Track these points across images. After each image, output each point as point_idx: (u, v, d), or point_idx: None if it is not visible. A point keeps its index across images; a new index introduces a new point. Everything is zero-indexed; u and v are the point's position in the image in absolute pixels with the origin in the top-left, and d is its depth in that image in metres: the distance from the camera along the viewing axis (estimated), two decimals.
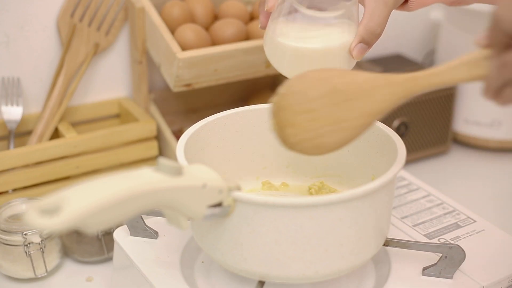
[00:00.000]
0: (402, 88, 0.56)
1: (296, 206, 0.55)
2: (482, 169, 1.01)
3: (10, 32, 0.85)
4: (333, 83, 0.58)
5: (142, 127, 0.86)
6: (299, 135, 0.60)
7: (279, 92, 0.60)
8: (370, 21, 0.64)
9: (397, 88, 0.57)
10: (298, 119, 0.59)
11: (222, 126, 0.69)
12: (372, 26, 0.65)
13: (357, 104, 0.58)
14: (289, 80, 0.61)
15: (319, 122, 0.59)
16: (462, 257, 0.63)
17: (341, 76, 0.59)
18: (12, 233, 0.72)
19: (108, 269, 0.76)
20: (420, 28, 1.19)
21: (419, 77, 0.56)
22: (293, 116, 0.60)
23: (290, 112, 0.60)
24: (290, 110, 0.60)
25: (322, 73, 0.60)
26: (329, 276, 0.59)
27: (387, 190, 0.60)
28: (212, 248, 0.60)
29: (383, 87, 0.57)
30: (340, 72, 0.59)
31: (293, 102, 0.59)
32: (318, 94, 0.58)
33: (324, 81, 0.59)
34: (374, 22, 0.64)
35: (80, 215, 0.45)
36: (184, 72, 0.81)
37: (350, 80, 0.58)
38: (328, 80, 0.59)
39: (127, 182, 0.49)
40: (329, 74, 0.59)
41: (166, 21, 0.86)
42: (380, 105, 0.57)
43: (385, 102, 0.57)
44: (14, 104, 0.85)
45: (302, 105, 0.59)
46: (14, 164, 0.79)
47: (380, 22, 0.65)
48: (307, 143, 0.60)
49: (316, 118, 0.59)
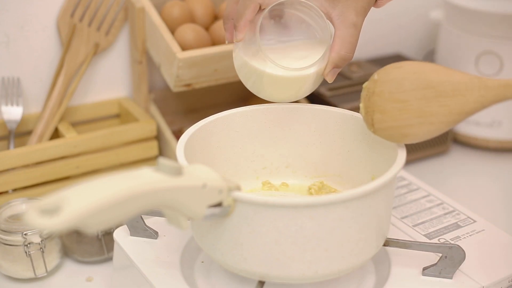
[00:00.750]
0: (495, 93, 0.58)
1: (296, 206, 0.55)
2: (482, 169, 1.01)
3: (10, 32, 0.85)
4: (428, 79, 0.60)
5: (142, 127, 0.86)
6: (387, 122, 0.62)
7: (373, 78, 0.63)
8: (341, 48, 0.66)
9: (490, 92, 0.58)
10: (388, 106, 0.61)
11: (222, 126, 0.69)
12: (344, 54, 0.66)
13: (449, 102, 0.59)
14: (385, 68, 0.63)
15: (409, 113, 0.61)
16: (462, 257, 0.63)
17: (437, 72, 0.60)
18: (12, 233, 0.72)
19: (108, 269, 0.76)
20: (420, 28, 1.19)
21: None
22: (383, 103, 0.62)
23: (381, 98, 0.62)
24: (381, 96, 0.62)
25: (419, 66, 0.61)
26: (329, 276, 0.59)
27: (387, 190, 0.60)
28: (212, 248, 0.60)
29: (477, 89, 0.58)
30: (436, 68, 0.60)
31: (386, 90, 0.62)
32: (412, 86, 0.60)
33: (421, 74, 0.60)
34: (345, 49, 0.66)
35: (80, 215, 0.45)
36: (184, 72, 0.81)
37: (446, 78, 0.59)
38: (424, 74, 0.60)
39: (127, 182, 0.49)
40: (426, 68, 0.61)
41: (166, 21, 0.86)
42: (471, 105, 0.58)
43: (476, 104, 0.58)
44: (14, 104, 0.85)
45: (394, 94, 0.61)
46: (14, 164, 0.79)
47: (351, 48, 0.66)
48: (394, 131, 0.62)
49: (406, 109, 0.61)
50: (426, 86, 0.60)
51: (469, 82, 0.58)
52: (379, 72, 0.63)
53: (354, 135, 0.69)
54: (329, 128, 0.71)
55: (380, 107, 0.62)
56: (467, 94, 0.58)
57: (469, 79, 0.58)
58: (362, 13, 0.65)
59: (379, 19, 1.14)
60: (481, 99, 0.58)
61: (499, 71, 1.00)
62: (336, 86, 0.99)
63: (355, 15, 0.65)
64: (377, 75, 0.63)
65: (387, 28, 1.16)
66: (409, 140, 0.62)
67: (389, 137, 0.63)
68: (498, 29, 0.99)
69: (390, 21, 1.16)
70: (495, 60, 1.00)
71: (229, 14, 0.68)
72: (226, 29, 0.69)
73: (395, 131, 0.62)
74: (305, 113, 0.71)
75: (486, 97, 0.58)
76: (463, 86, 0.58)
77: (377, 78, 0.63)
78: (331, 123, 0.70)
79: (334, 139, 0.71)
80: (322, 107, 0.71)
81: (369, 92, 0.63)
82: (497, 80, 0.58)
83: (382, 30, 1.15)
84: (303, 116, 0.71)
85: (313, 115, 0.71)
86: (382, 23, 1.14)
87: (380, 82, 0.62)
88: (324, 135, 0.71)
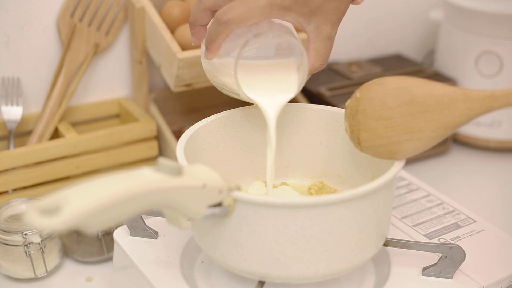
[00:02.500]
0: (480, 105, 0.57)
1: (296, 206, 0.55)
2: (482, 169, 1.01)
3: (10, 32, 0.85)
4: (412, 93, 0.58)
5: (142, 127, 0.86)
6: (374, 141, 0.61)
7: (355, 96, 0.61)
8: (316, 60, 0.64)
9: (476, 104, 0.57)
10: (373, 124, 0.60)
11: (222, 126, 0.69)
12: (319, 65, 0.65)
13: (434, 117, 0.58)
14: (367, 85, 0.61)
15: (395, 130, 0.59)
16: (462, 257, 0.63)
17: (420, 87, 0.59)
18: (12, 233, 0.72)
19: (108, 269, 0.76)
20: (420, 28, 1.19)
21: (498, 95, 0.56)
22: (368, 121, 0.61)
23: (365, 116, 0.61)
24: (365, 115, 0.61)
25: (401, 81, 0.60)
26: (329, 276, 0.59)
27: (387, 190, 0.60)
28: (212, 248, 0.60)
29: (462, 101, 0.57)
30: (419, 82, 0.59)
31: (369, 108, 0.60)
32: (396, 103, 0.59)
33: (403, 89, 0.59)
34: (320, 60, 0.65)
35: (80, 215, 0.45)
36: (184, 72, 0.81)
37: (429, 92, 0.58)
38: (407, 89, 0.59)
39: (127, 182, 0.49)
40: (408, 83, 0.59)
41: (166, 21, 0.86)
42: (457, 119, 0.58)
43: (462, 117, 0.57)
44: (14, 104, 0.85)
45: (379, 112, 0.60)
46: (14, 164, 0.79)
47: (325, 58, 0.65)
48: (382, 148, 0.61)
49: (392, 126, 0.59)
50: (410, 102, 0.59)
51: (453, 95, 0.57)
52: (360, 90, 0.62)
53: None
54: (329, 128, 0.70)
55: (365, 125, 0.61)
56: (452, 107, 0.57)
57: (453, 92, 0.57)
58: (336, 24, 0.64)
59: (379, 19, 1.14)
60: (467, 112, 0.57)
61: (499, 71, 1.00)
62: (336, 86, 0.99)
63: (331, 28, 0.63)
64: (359, 93, 0.61)
65: (387, 28, 1.16)
66: (398, 156, 0.61)
67: (377, 155, 0.62)
68: (498, 29, 0.99)
69: (390, 21, 1.16)
70: (495, 60, 1.00)
71: (196, 21, 0.65)
72: (194, 34, 0.66)
73: (382, 149, 0.61)
74: (305, 113, 0.71)
75: (472, 109, 0.57)
76: (447, 100, 0.57)
77: (359, 96, 0.61)
78: (331, 123, 0.70)
79: (334, 139, 0.71)
80: (322, 107, 0.71)
81: (353, 110, 0.62)
82: (481, 91, 0.57)
83: (382, 30, 1.15)
84: (303, 116, 0.71)
85: (313, 115, 0.71)
86: (382, 23, 1.14)
87: (363, 100, 0.61)
88: (324, 135, 0.71)
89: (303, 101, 0.95)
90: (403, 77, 0.61)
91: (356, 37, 1.12)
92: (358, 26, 1.12)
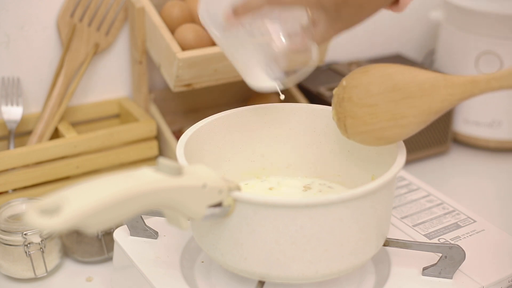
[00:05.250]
0: (462, 90, 0.57)
1: (296, 206, 0.55)
2: (482, 169, 1.01)
3: (10, 32, 0.85)
4: (395, 80, 0.60)
5: (142, 127, 0.86)
6: (359, 127, 0.62)
7: (342, 84, 0.63)
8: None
9: (457, 90, 0.58)
10: (359, 111, 0.61)
11: (222, 126, 0.69)
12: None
13: (416, 103, 0.59)
14: (352, 73, 0.62)
15: (379, 117, 0.61)
16: (462, 257, 0.63)
17: (402, 74, 0.60)
18: (12, 233, 0.72)
19: (108, 269, 0.76)
20: (420, 28, 1.19)
21: (479, 80, 0.57)
22: (354, 108, 0.62)
23: (351, 104, 0.62)
24: (351, 102, 0.62)
25: (385, 69, 0.61)
26: (329, 276, 0.59)
27: (387, 190, 0.60)
28: (212, 248, 0.60)
29: (443, 87, 0.58)
30: (402, 69, 0.60)
31: (354, 95, 0.62)
32: (379, 90, 0.60)
33: (386, 77, 0.60)
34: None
35: (80, 215, 0.45)
36: (184, 72, 0.81)
37: (411, 79, 0.59)
38: (390, 77, 0.60)
39: (127, 182, 0.49)
40: (391, 70, 0.60)
41: (166, 21, 0.86)
42: (439, 105, 0.58)
43: (443, 102, 0.58)
44: (14, 104, 0.85)
45: (363, 99, 0.61)
46: (14, 164, 0.79)
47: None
48: (367, 135, 0.62)
49: (376, 113, 0.61)
50: (393, 89, 0.60)
51: (434, 81, 0.58)
52: (347, 78, 0.63)
53: None
54: (329, 128, 0.71)
55: (351, 113, 0.62)
56: (434, 93, 0.58)
57: (434, 78, 0.58)
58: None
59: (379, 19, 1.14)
60: (449, 97, 0.58)
61: None
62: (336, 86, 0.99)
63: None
64: (345, 81, 0.63)
65: (387, 28, 1.16)
66: (383, 142, 0.62)
67: (364, 141, 0.63)
68: (498, 29, 0.99)
69: (390, 21, 1.16)
70: (495, 60, 1.00)
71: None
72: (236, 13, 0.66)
73: (368, 135, 0.62)
74: (305, 113, 0.71)
75: (453, 95, 0.58)
76: (428, 86, 0.58)
77: (345, 84, 0.63)
78: (331, 123, 0.70)
79: (334, 139, 0.71)
80: (322, 107, 0.71)
81: (339, 98, 0.63)
82: (463, 77, 0.57)
83: (382, 30, 1.15)
84: (303, 116, 0.71)
85: (313, 115, 0.71)
86: (382, 23, 1.14)
87: (348, 87, 0.62)
88: (324, 135, 0.71)
89: (303, 101, 0.95)
90: (388, 65, 0.62)
91: (356, 37, 1.12)
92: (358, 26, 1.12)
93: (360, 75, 0.62)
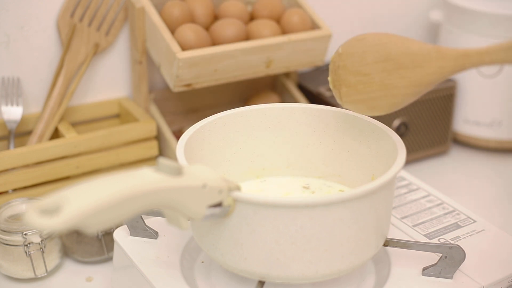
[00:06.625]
0: (453, 63, 0.57)
1: (296, 206, 0.55)
2: (482, 169, 1.01)
3: (10, 32, 0.85)
4: (388, 50, 0.60)
5: (142, 127, 0.86)
6: (353, 96, 0.62)
7: (338, 51, 0.63)
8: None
9: (448, 62, 0.58)
10: (353, 80, 0.62)
11: (222, 126, 0.69)
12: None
13: (408, 74, 0.59)
14: (349, 41, 0.63)
15: (372, 86, 0.61)
16: (462, 257, 0.63)
17: (395, 44, 0.60)
18: (12, 233, 0.72)
19: (108, 269, 0.76)
20: (420, 28, 1.19)
21: (471, 54, 0.57)
22: (348, 77, 0.62)
23: (346, 72, 0.62)
24: (346, 70, 0.62)
25: (381, 38, 0.61)
26: (329, 276, 0.59)
27: (387, 190, 0.60)
28: (212, 248, 0.60)
29: (435, 60, 0.58)
30: (396, 39, 0.60)
31: (349, 63, 0.62)
32: (373, 59, 0.61)
33: (381, 46, 0.60)
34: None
35: (80, 215, 0.45)
36: (184, 72, 0.81)
37: (404, 49, 0.59)
38: (384, 46, 0.60)
39: (127, 182, 0.49)
40: (386, 40, 0.61)
41: (166, 21, 0.86)
42: (430, 77, 0.58)
43: (434, 75, 0.58)
44: (14, 104, 0.85)
45: (357, 67, 0.62)
46: (14, 164, 0.79)
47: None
48: (361, 104, 0.63)
49: (369, 82, 0.61)
50: (386, 59, 0.60)
51: (426, 53, 0.58)
52: (343, 45, 0.63)
53: (354, 135, 0.69)
54: (329, 128, 0.71)
55: (346, 81, 0.63)
56: (426, 65, 0.58)
57: (427, 50, 0.58)
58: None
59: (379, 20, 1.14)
60: (440, 70, 0.58)
61: (499, 71, 1.00)
62: None
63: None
64: (341, 48, 0.63)
65: (387, 28, 1.16)
66: (376, 112, 0.62)
67: (357, 110, 0.64)
68: (498, 29, 0.99)
69: (390, 21, 1.16)
70: None
71: None
72: None
73: (361, 104, 0.63)
74: (305, 113, 0.71)
75: (445, 67, 0.58)
76: (420, 57, 0.58)
77: (341, 52, 0.63)
78: (331, 123, 0.70)
79: (334, 139, 0.71)
80: (322, 107, 0.71)
81: (335, 65, 0.64)
82: (455, 50, 0.57)
83: (382, 30, 1.15)
84: (303, 116, 0.71)
85: (313, 115, 0.71)
86: (382, 23, 1.14)
87: (344, 55, 0.63)
88: (324, 135, 0.71)
89: (303, 101, 0.95)
90: (384, 34, 0.62)
91: None
92: (358, 26, 1.12)
93: (356, 42, 0.62)
